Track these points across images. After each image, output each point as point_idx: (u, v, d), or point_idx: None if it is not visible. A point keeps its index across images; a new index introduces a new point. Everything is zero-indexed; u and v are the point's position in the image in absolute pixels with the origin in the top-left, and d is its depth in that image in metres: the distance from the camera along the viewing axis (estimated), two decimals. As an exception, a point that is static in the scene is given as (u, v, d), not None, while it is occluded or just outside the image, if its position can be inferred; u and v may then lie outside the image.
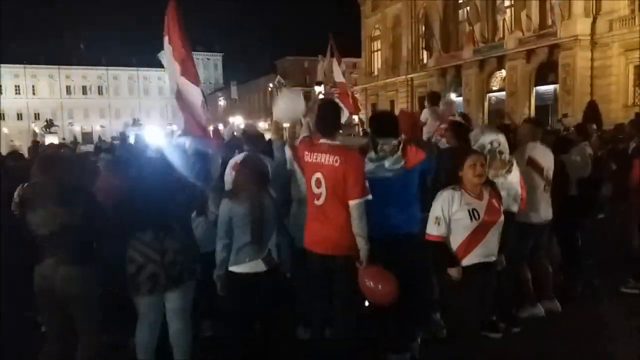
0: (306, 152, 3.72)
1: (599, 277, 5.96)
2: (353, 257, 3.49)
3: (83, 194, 3.53)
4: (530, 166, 4.78)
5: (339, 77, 9.06)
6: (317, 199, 3.60)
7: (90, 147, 15.89)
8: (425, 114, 6.80)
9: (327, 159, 3.53)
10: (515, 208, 4.42)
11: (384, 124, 3.99)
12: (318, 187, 3.57)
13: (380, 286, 3.42)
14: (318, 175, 3.57)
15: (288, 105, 4.48)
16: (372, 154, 3.86)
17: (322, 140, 3.66)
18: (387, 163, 3.79)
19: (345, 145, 3.73)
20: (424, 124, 6.44)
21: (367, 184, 3.49)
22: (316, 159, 3.61)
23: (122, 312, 3.79)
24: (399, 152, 3.81)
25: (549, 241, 5.28)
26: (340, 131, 3.85)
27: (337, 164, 3.47)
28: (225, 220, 3.60)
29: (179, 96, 4.78)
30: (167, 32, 4.83)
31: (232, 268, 3.64)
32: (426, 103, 7.00)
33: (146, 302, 3.46)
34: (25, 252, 3.49)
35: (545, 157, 4.90)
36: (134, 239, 3.41)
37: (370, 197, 3.48)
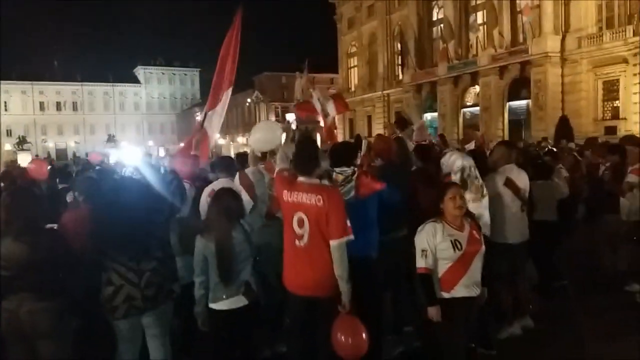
0: (285, 191, 3.58)
1: (574, 295, 6.10)
2: (335, 299, 3.40)
3: (45, 228, 3.48)
4: (508, 187, 4.87)
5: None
6: (299, 240, 3.49)
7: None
8: None
9: (309, 198, 3.44)
10: (487, 231, 4.45)
11: (340, 154, 4.06)
12: (300, 227, 3.47)
13: (350, 340, 3.29)
14: (300, 215, 3.47)
15: (265, 135, 4.49)
16: (325, 183, 3.86)
17: (300, 179, 3.56)
18: None
19: (325, 184, 3.69)
20: None
21: (348, 223, 3.40)
22: (297, 198, 3.50)
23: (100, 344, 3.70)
24: (352, 182, 3.87)
25: (525, 261, 5.33)
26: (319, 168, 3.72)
27: (320, 204, 3.39)
28: (200, 258, 3.58)
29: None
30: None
31: (211, 305, 3.59)
32: (396, 129, 7.23)
33: (123, 325, 3.38)
34: None
35: (521, 179, 5.01)
36: (111, 261, 3.32)
37: (352, 237, 3.40)
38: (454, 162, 4.55)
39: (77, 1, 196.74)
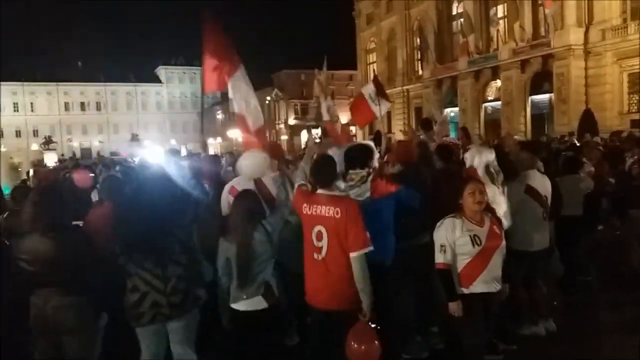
0: (304, 205, 3.61)
1: (599, 292, 6.07)
2: (355, 310, 3.39)
3: (70, 226, 3.54)
4: (529, 194, 4.78)
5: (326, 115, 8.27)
6: (318, 253, 3.49)
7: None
8: None
9: (327, 210, 3.45)
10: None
11: (355, 156, 4.07)
12: (319, 240, 3.48)
13: (363, 348, 3.29)
14: (319, 228, 3.48)
15: (252, 163, 4.48)
16: (341, 184, 3.92)
17: (320, 191, 3.59)
18: (352, 194, 3.87)
19: (343, 196, 3.70)
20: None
21: (368, 235, 3.41)
22: (316, 211, 3.51)
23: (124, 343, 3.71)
24: (367, 184, 3.91)
25: (545, 267, 5.22)
26: (338, 182, 3.79)
27: (338, 216, 3.40)
28: (223, 259, 3.61)
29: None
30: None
31: (232, 305, 3.63)
32: (421, 130, 7.21)
33: (148, 332, 3.34)
34: (20, 283, 3.44)
35: (543, 185, 4.90)
36: (136, 267, 3.27)
37: (372, 248, 3.40)
38: (483, 155, 4.44)
39: (98, 3, 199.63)
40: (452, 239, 3.55)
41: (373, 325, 3.44)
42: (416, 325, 4.62)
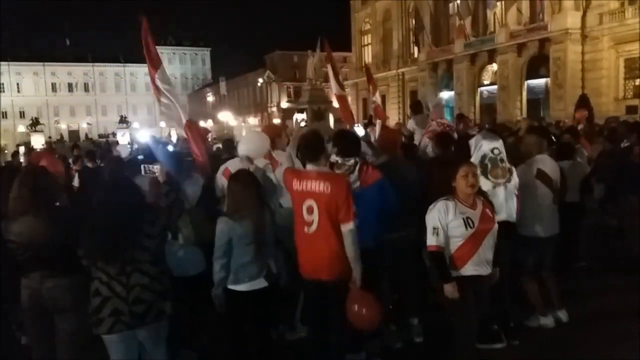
0: (295, 180, 3.70)
1: (595, 277, 6.11)
2: (346, 279, 3.53)
3: (62, 207, 3.54)
4: (540, 179, 4.75)
5: (337, 89, 8.82)
6: (309, 227, 3.61)
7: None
8: (411, 124, 6.97)
9: (317, 185, 3.56)
10: (515, 217, 4.41)
11: (347, 145, 4.05)
12: (310, 214, 3.59)
13: (364, 311, 3.44)
14: (310, 202, 3.58)
15: (254, 142, 4.62)
16: (334, 171, 3.99)
17: (309, 167, 3.69)
18: None
19: (332, 172, 3.84)
20: (411, 134, 6.68)
21: (354, 207, 3.54)
22: (306, 186, 3.61)
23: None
24: (356, 173, 3.99)
25: (554, 253, 5.16)
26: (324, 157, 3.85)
27: (328, 191, 3.51)
28: (225, 240, 3.52)
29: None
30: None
31: (231, 286, 3.59)
32: (410, 113, 7.23)
33: (111, 339, 3.18)
34: (9, 266, 3.44)
35: (553, 170, 4.90)
36: (100, 272, 3.15)
37: (357, 219, 3.55)
38: (482, 144, 4.48)
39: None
40: (445, 222, 3.57)
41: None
42: (392, 315, 4.69)
